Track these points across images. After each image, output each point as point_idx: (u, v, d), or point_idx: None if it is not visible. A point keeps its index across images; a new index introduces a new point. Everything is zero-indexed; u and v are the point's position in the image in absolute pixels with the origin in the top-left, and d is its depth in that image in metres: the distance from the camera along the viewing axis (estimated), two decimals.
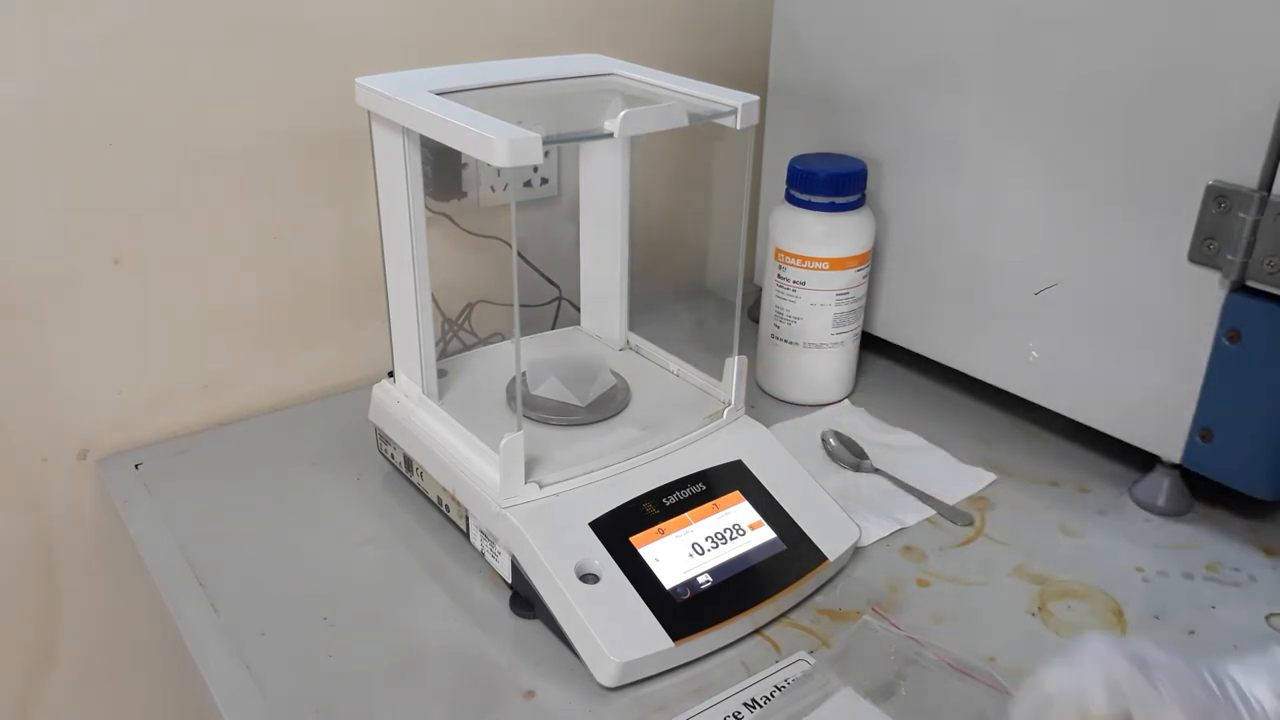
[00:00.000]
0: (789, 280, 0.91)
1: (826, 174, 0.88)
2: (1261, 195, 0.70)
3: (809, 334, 0.93)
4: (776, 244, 0.91)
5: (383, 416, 0.81)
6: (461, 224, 0.98)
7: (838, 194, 0.88)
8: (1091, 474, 0.87)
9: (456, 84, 0.71)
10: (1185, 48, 0.72)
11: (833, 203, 0.88)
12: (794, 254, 0.90)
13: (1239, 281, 0.73)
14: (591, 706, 0.63)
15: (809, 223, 0.89)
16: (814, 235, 0.89)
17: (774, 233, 0.92)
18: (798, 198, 0.90)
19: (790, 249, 0.90)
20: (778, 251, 0.91)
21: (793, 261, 0.90)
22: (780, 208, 0.92)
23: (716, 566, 0.68)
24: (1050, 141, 0.82)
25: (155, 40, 0.80)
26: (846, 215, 0.89)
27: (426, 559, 0.75)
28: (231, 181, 0.87)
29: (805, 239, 0.89)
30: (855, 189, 0.89)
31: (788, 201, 0.91)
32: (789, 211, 0.90)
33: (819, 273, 0.90)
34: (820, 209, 0.89)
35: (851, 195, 0.89)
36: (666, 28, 1.07)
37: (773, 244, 0.92)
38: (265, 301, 0.92)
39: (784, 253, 0.91)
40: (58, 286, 0.82)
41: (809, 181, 0.89)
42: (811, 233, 0.89)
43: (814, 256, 0.89)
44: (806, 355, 0.94)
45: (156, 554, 0.75)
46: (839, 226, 0.89)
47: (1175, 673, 0.47)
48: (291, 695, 0.63)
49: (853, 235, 0.90)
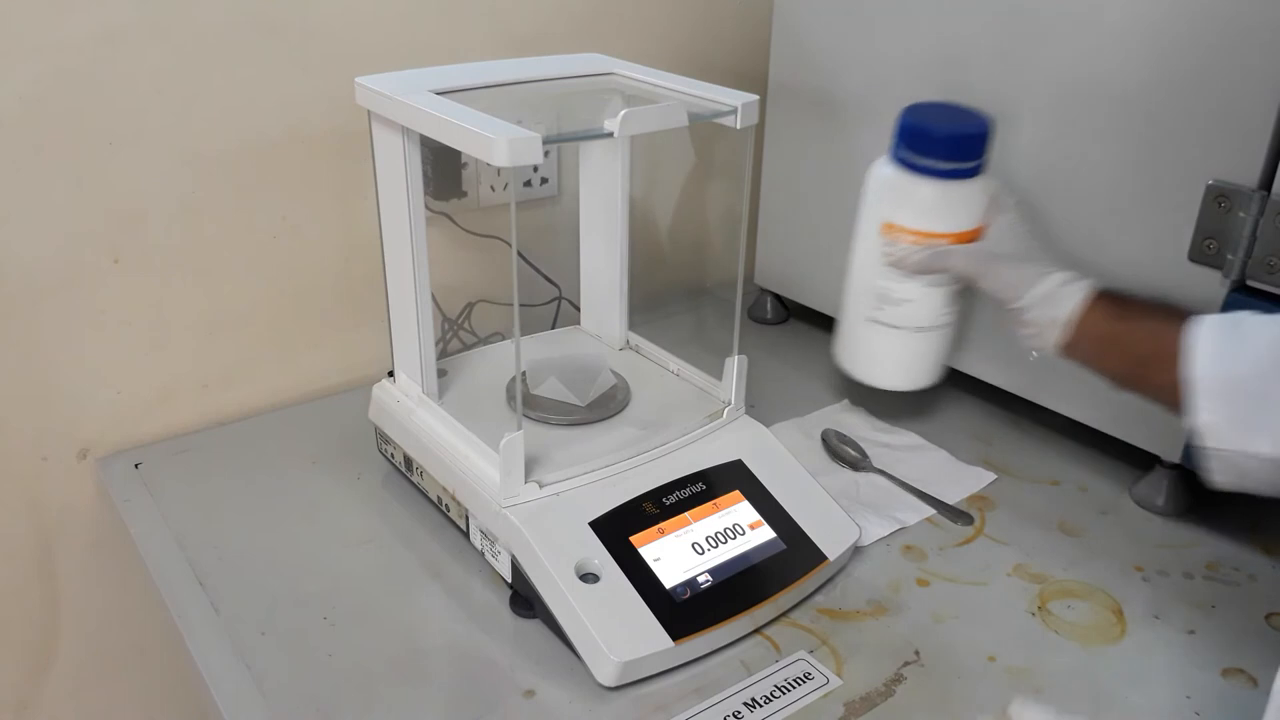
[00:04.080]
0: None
1: (957, 134, 0.74)
2: (1261, 195, 0.70)
3: (919, 317, 0.80)
4: (886, 217, 0.77)
5: (383, 416, 0.81)
6: (461, 224, 0.98)
7: (966, 157, 0.74)
8: (1091, 474, 0.87)
9: (456, 84, 0.71)
10: (1185, 48, 0.72)
11: (958, 169, 0.74)
12: (912, 229, 0.75)
13: (1239, 281, 0.73)
14: (591, 706, 0.63)
15: (930, 192, 0.75)
16: (937, 205, 0.75)
17: (879, 200, 0.78)
18: (916, 162, 0.75)
19: (907, 223, 0.76)
20: (889, 226, 0.77)
21: (908, 238, 0.76)
22: (884, 170, 0.77)
23: (716, 566, 0.68)
24: (1050, 141, 0.82)
25: (155, 40, 0.80)
26: (970, 181, 0.75)
27: (426, 558, 0.75)
28: (231, 181, 0.87)
29: (926, 210, 0.75)
30: (982, 149, 0.75)
31: (900, 164, 0.76)
32: (902, 178, 0.76)
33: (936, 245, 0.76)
34: (943, 175, 0.74)
35: (979, 158, 0.75)
36: (666, 28, 1.07)
37: (875, 214, 0.78)
38: (265, 301, 0.92)
39: (898, 228, 0.76)
40: (58, 286, 0.82)
41: (934, 142, 0.74)
42: (934, 202, 0.75)
43: (937, 232, 0.75)
44: (914, 340, 0.81)
45: (156, 554, 0.75)
46: (963, 195, 0.75)
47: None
48: (291, 695, 0.63)
49: (977, 203, 0.76)
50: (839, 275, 1.03)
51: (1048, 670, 0.66)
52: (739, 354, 0.77)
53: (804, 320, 1.13)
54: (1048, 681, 0.66)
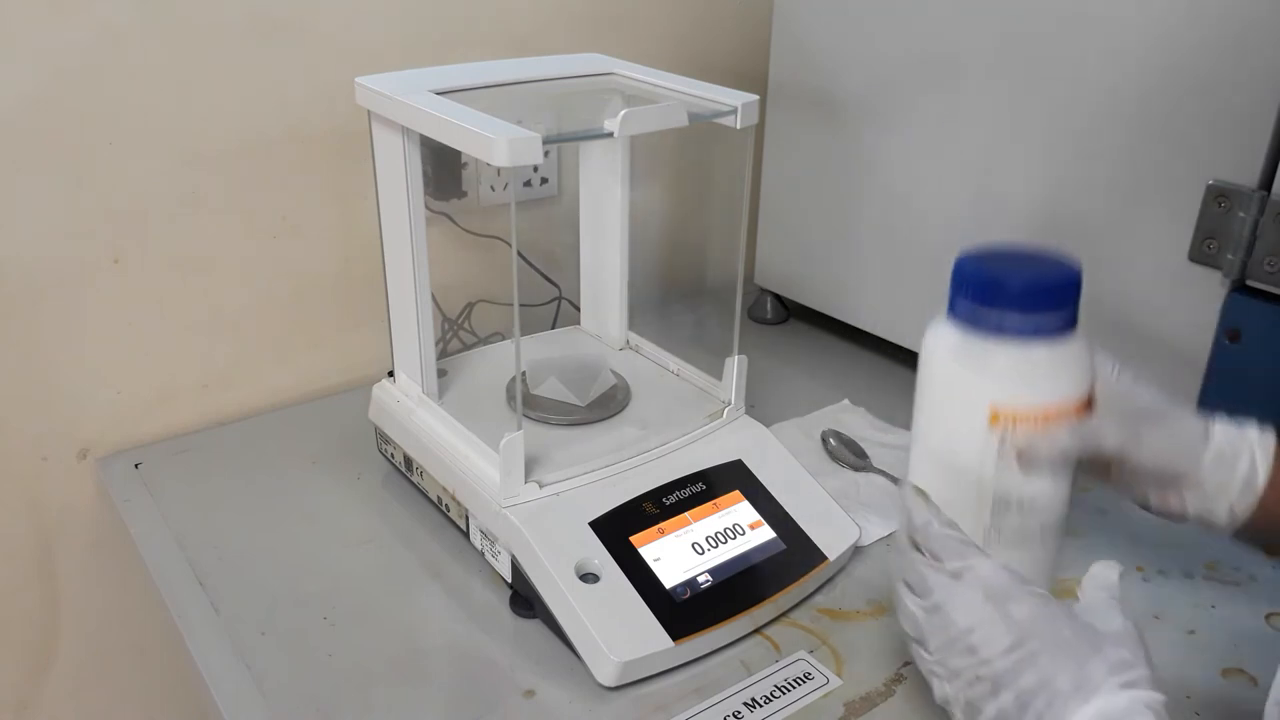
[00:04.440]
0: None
1: (1060, 277, 0.56)
2: (1261, 195, 0.70)
3: (1050, 515, 0.61)
4: (992, 400, 0.56)
5: (383, 416, 0.81)
6: (461, 224, 0.98)
7: (1071, 302, 0.56)
8: None
9: (456, 84, 0.71)
10: (1186, 47, 0.72)
11: (1066, 318, 0.56)
12: (1031, 408, 0.56)
13: (1239, 281, 0.73)
14: (591, 706, 0.63)
15: (1047, 356, 0.56)
16: (1055, 371, 0.56)
17: (970, 382, 0.56)
18: (1016, 323, 0.55)
19: (1025, 402, 0.56)
20: (999, 413, 0.56)
21: (1029, 422, 0.56)
22: (967, 340, 0.56)
23: (716, 566, 0.68)
24: (1050, 141, 0.82)
25: (155, 40, 0.80)
26: (1077, 332, 0.57)
27: (426, 558, 0.75)
28: (231, 181, 0.87)
29: (1044, 379, 0.56)
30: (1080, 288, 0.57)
31: (983, 329, 0.56)
32: (1003, 346, 0.55)
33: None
34: (1054, 331, 0.56)
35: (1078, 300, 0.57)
36: (666, 28, 1.07)
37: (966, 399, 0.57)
38: (265, 301, 0.92)
39: (1013, 412, 0.56)
40: (58, 286, 0.82)
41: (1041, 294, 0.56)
42: (1051, 368, 0.56)
43: (1060, 405, 0.56)
44: (1043, 546, 0.62)
45: (156, 554, 0.75)
46: (1074, 351, 0.57)
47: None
48: (291, 695, 0.63)
49: (1086, 355, 0.58)
50: (839, 275, 1.04)
51: None
52: (739, 354, 0.77)
53: (804, 320, 1.13)
54: None
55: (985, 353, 0.55)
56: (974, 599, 0.48)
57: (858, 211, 0.99)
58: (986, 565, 0.50)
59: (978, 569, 0.50)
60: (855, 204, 0.99)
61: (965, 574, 0.50)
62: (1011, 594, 0.48)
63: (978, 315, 0.55)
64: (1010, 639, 0.46)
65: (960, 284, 0.57)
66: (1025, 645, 0.46)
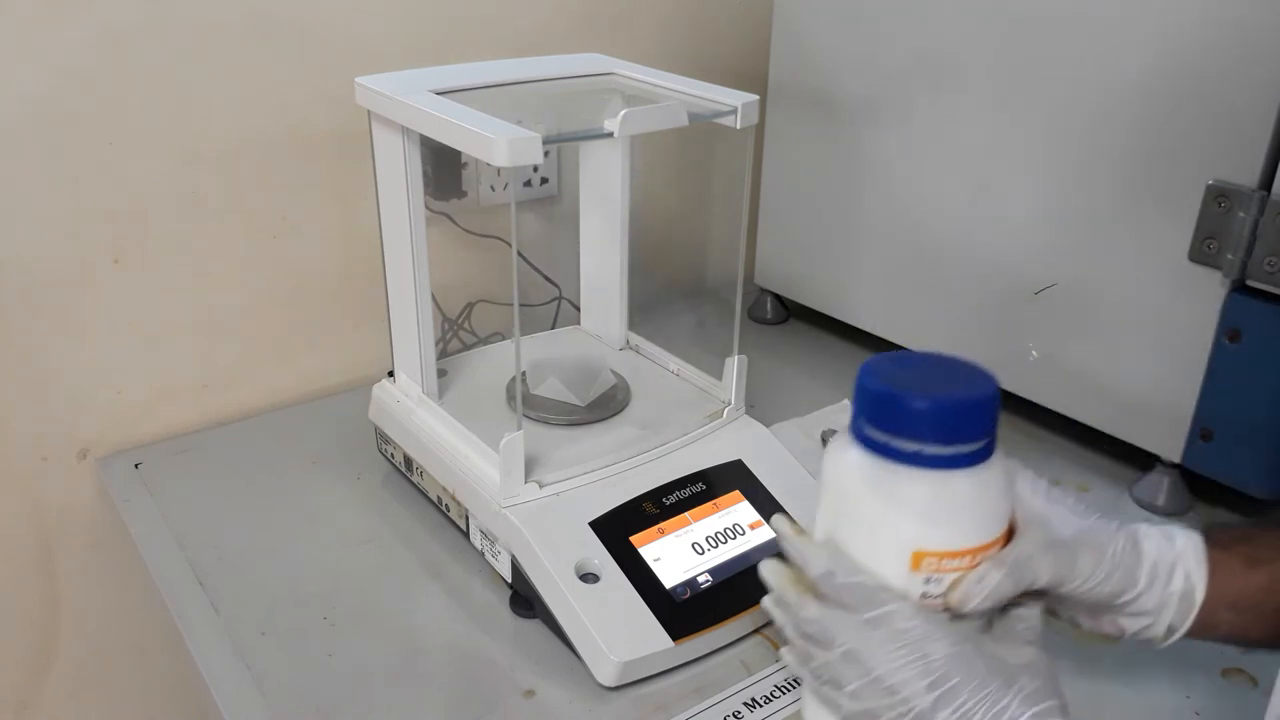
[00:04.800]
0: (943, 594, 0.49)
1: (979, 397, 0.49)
2: (1261, 195, 0.70)
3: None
4: (915, 544, 0.48)
5: (383, 416, 0.81)
6: (461, 224, 0.98)
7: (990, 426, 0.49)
8: (1091, 474, 0.87)
9: (456, 84, 0.71)
10: (1186, 48, 0.72)
11: (985, 444, 0.49)
12: (960, 549, 0.49)
13: (1239, 281, 0.73)
14: (591, 706, 0.63)
15: (969, 487, 0.49)
16: (981, 502, 0.50)
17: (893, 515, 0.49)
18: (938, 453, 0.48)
19: (952, 543, 0.49)
20: (923, 556, 0.48)
21: (955, 562, 0.49)
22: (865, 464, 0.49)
23: (716, 566, 0.68)
24: (1050, 141, 0.82)
25: (155, 40, 0.80)
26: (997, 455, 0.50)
27: (426, 559, 0.75)
28: (231, 181, 0.87)
29: (970, 513, 0.49)
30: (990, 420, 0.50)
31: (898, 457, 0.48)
32: (924, 479, 0.48)
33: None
34: (974, 459, 0.48)
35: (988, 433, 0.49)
36: (666, 28, 1.07)
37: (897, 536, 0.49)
38: (265, 301, 0.92)
39: (938, 553, 0.49)
40: (58, 286, 0.82)
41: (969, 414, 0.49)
42: (976, 499, 0.49)
43: (986, 542, 0.50)
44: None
45: (156, 554, 0.75)
46: (996, 476, 0.50)
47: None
48: (291, 695, 0.63)
49: (1005, 479, 0.51)
50: (839, 275, 1.04)
51: None
52: (739, 354, 0.77)
53: (804, 320, 1.13)
54: None
55: (901, 484, 0.48)
56: (891, 644, 0.47)
57: (857, 211, 0.99)
58: (903, 612, 0.47)
59: (895, 617, 0.47)
60: (855, 204, 0.99)
61: (883, 621, 0.47)
62: (928, 634, 0.47)
63: (890, 443, 0.47)
64: (929, 679, 0.46)
65: (869, 406, 0.48)
66: (944, 684, 0.46)
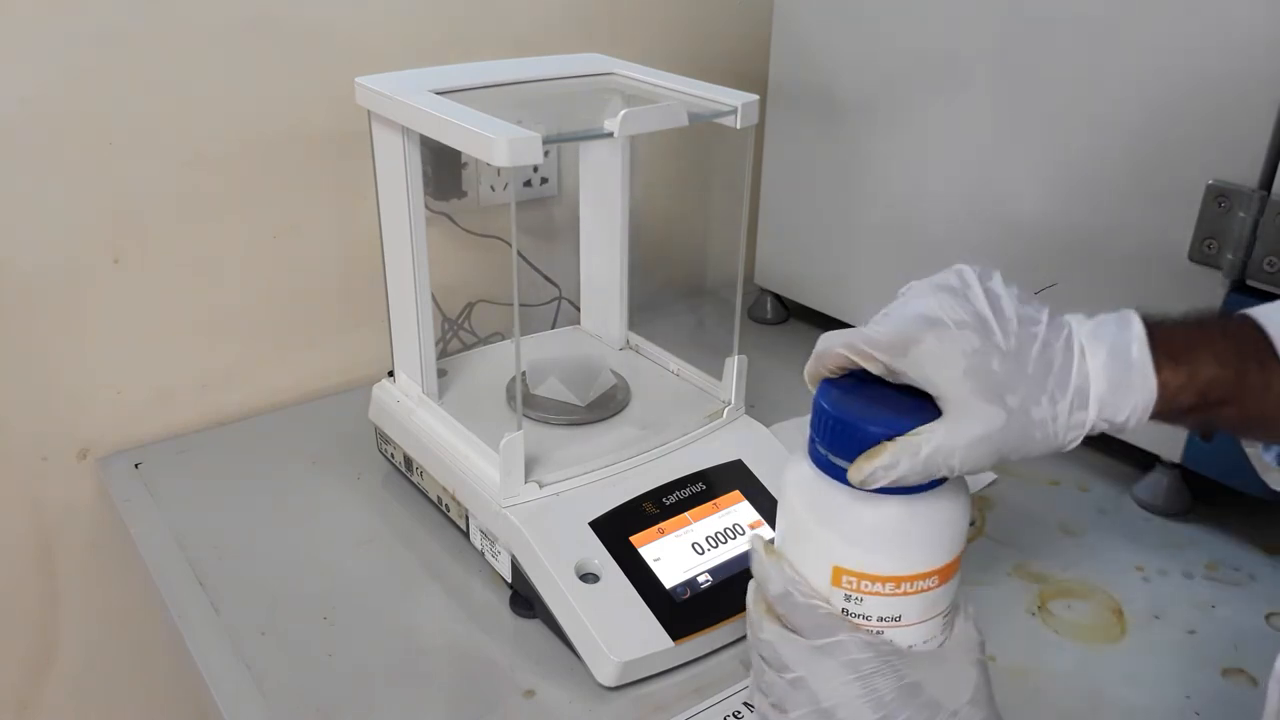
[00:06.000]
0: (871, 617, 0.47)
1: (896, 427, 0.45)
2: (1261, 195, 0.70)
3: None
4: (835, 559, 0.47)
5: (383, 416, 0.81)
6: (461, 224, 0.98)
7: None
8: (1091, 473, 0.87)
9: (456, 84, 0.71)
10: (1186, 48, 0.72)
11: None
12: (877, 574, 0.46)
13: (1239, 281, 0.73)
14: (591, 706, 0.63)
15: (892, 519, 0.46)
16: (901, 538, 0.47)
17: (821, 530, 0.47)
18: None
19: (871, 568, 0.46)
20: (843, 577, 0.47)
21: (880, 587, 0.46)
22: (808, 480, 0.48)
23: (716, 566, 0.68)
24: (1051, 141, 0.82)
25: (155, 40, 0.80)
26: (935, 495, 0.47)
27: (426, 558, 0.75)
28: (231, 181, 0.87)
29: (889, 548, 0.47)
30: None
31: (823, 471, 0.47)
32: (839, 498, 0.46)
33: (923, 595, 0.47)
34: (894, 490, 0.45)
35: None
36: (666, 28, 1.07)
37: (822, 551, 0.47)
38: (265, 301, 0.92)
39: (858, 578, 0.47)
40: (58, 286, 0.82)
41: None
42: (897, 535, 0.46)
43: (917, 573, 0.47)
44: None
45: (156, 554, 0.75)
46: (931, 515, 0.47)
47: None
48: (291, 695, 0.63)
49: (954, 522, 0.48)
50: (839, 275, 1.04)
51: (1048, 670, 0.66)
52: (739, 354, 0.77)
53: (804, 320, 1.13)
54: (1048, 681, 0.66)
55: (830, 500, 0.47)
56: (840, 675, 0.46)
57: (858, 211, 0.99)
58: (854, 642, 0.46)
59: (845, 646, 0.46)
60: (855, 204, 0.99)
61: (833, 650, 0.46)
62: (878, 669, 0.46)
63: (828, 458, 0.46)
64: (877, 715, 0.45)
65: (814, 420, 0.48)
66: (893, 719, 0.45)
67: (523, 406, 0.75)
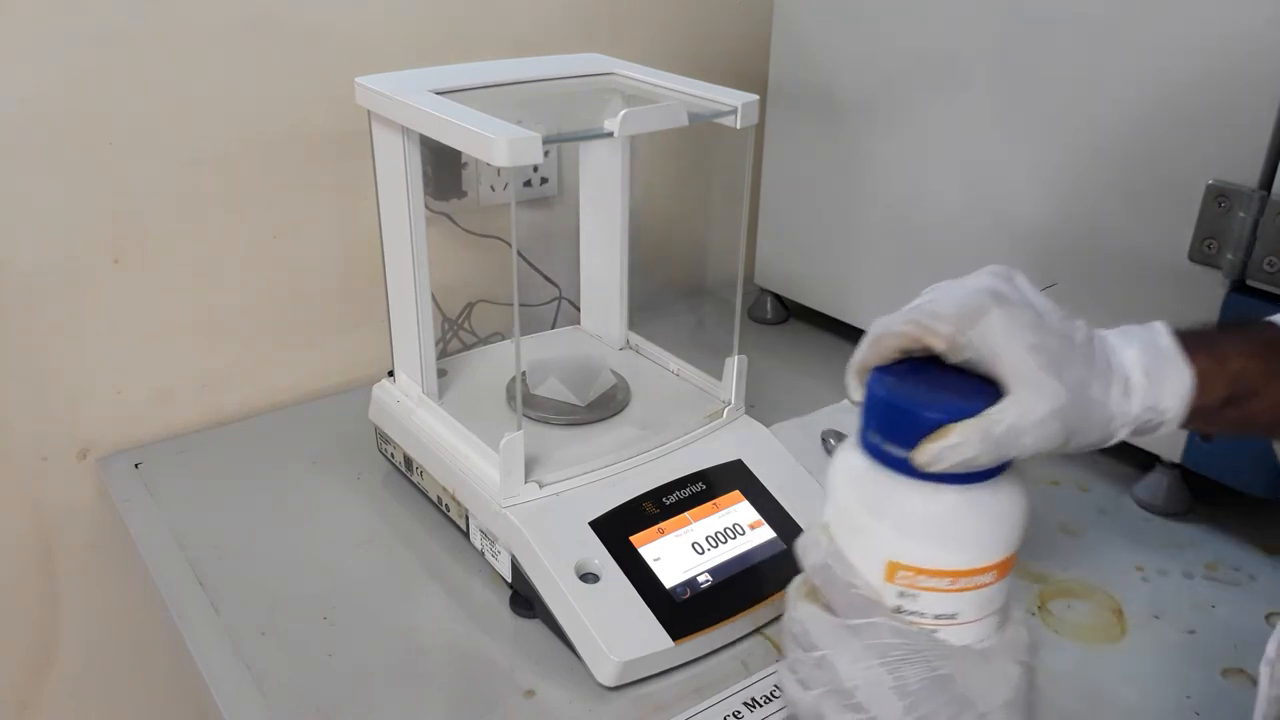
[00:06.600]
0: (926, 615, 0.45)
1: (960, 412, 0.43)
2: (1261, 195, 0.70)
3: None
4: (891, 553, 0.44)
5: (383, 416, 0.81)
6: (461, 224, 0.98)
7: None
8: (1091, 473, 0.87)
9: (456, 84, 0.71)
10: (1186, 48, 0.72)
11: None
12: (935, 568, 0.44)
13: (1239, 281, 0.73)
14: (591, 706, 0.63)
15: (949, 508, 0.44)
16: (957, 529, 0.44)
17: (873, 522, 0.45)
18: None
19: (928, 561, 0.44)
20: (897, 572, 0.44)
21: (936, 581, 0.44)
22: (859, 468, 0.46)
23: (716, 566, 0.68)
24: (1051, 141, 0.82)
25: (155, 40, 0.80)
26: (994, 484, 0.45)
27: (426, 558, 0.75)
28: (231, 181, 0.87)
29: (946, 539, 0.44)
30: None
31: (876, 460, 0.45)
32: (892, 487, 0.44)
33: (979, 592, 0.45)
34: (953, 479, 0.43)
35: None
36: (666, 28, 1.07)
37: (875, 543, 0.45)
38: (265, 301, 0.92)
39: (913, 572, 0.44)
40: (58, 286, 0.82)
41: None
42: (954, 526, 0.44)
43: (975, 567, 0.44)
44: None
45: (156, 554, 0.75)
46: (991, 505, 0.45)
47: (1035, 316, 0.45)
48: (291, 695, 0.63)
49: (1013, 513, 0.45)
50: (839, 275, 1.04)
51: (1048, 670, 0.66)
52: (739, 354, 0.77)
53: (804, 320, 1.13)
54: (1048, 681, 0.65)
55: (885, 490, 0.45)
56: (865, 658, 0.44)
57: (857, 211, 0.99)
58: (887, 626, 0.44)
59: (878, 629, 0.44)
60: (855, 204, 0.99)
61: (863, 631, 0.44)
62: (907, 656, 0.44)
63: (882, 446, 0.44)
64: (903, 704, 0.43)
65: (868, 406, 0.46)
66: (917, 710, 0.43)
67: (523, 406, 0.75)
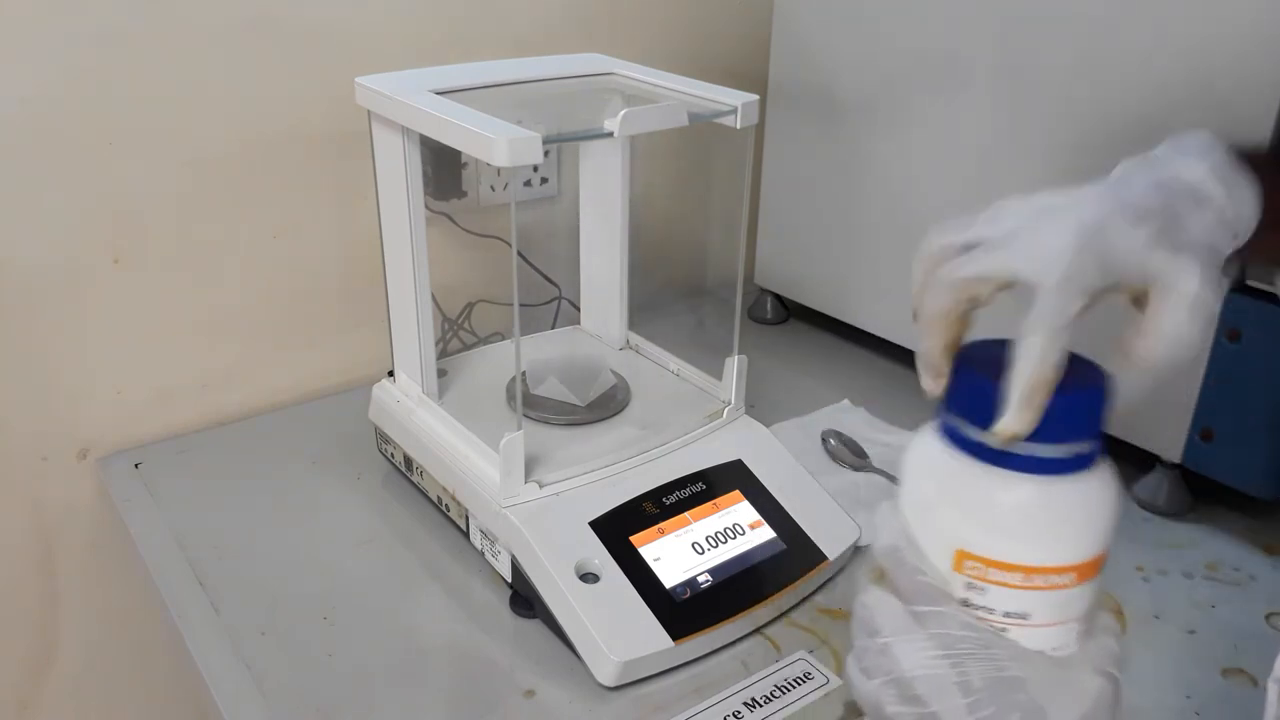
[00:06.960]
0: (995, 611, 0.42)
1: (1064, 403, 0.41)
2: None
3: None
4: (958, 541, 0.42)
5: (383, 416, 0.81)
6: (461, 224, 0.98)
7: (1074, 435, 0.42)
8: None
9: (456, 84, 0.71)
10: (1186, 48, 0.72)
11: (1077, 455, 0.42)
12: (1006, 561, 0.42)
13: (1239, 281, 0.73)
14: (591, 706, 0.63)
15: (1029, 500, 0.41)
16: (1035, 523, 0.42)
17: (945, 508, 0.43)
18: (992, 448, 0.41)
19: (999, 554, 0.42)
20: (966, 562, 0.42)
21: (1006, 576, 0.42)
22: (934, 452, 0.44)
23: (716, 566, 0.68)
24: (1050, 140, 0.82)
25: (155, 40, 0.80)
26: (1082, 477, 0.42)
27: (426, 558, 0.75)
28: (231, 181, 0.87)
29: (1022, 532, 0.42)
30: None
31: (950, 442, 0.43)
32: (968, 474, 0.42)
33: (1055, 593, 0.42)
34: (1031, 466, 0.41)
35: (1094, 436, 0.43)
36: (666, 28, 1.07)
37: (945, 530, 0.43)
38: (265, 301, 0.92)
39: (983, 564, 0.42)
40: (58, 286, 0.82)
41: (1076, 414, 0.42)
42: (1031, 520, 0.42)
43: (1050, 565, 0.42)
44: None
45: (156, 554, 0.75)
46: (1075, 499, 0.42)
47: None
48: (291, 695, 0.63)
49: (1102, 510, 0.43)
50: (839, 275, 1.04)
51: None
52: (739, 354, 0.77)
53: (804, 320, 1.13)
54: None
55: (963, 481, 0.42)
56: (929, 648, 0.42)
57: (858, 211, 0.99)
58: (955, 617, 0.42)
59: (944, 619, 0.42)
60: (855, 204, 0.99)
61: (929, 619, 0.43)
62: (973, 652, 0.42)
63: (958, 428, 0.42)
64: (966, 701, 0.41)
65: (950, 385, 0.44)
66: (981, 710, 0.41)
67: (523, 406, 0.75)
